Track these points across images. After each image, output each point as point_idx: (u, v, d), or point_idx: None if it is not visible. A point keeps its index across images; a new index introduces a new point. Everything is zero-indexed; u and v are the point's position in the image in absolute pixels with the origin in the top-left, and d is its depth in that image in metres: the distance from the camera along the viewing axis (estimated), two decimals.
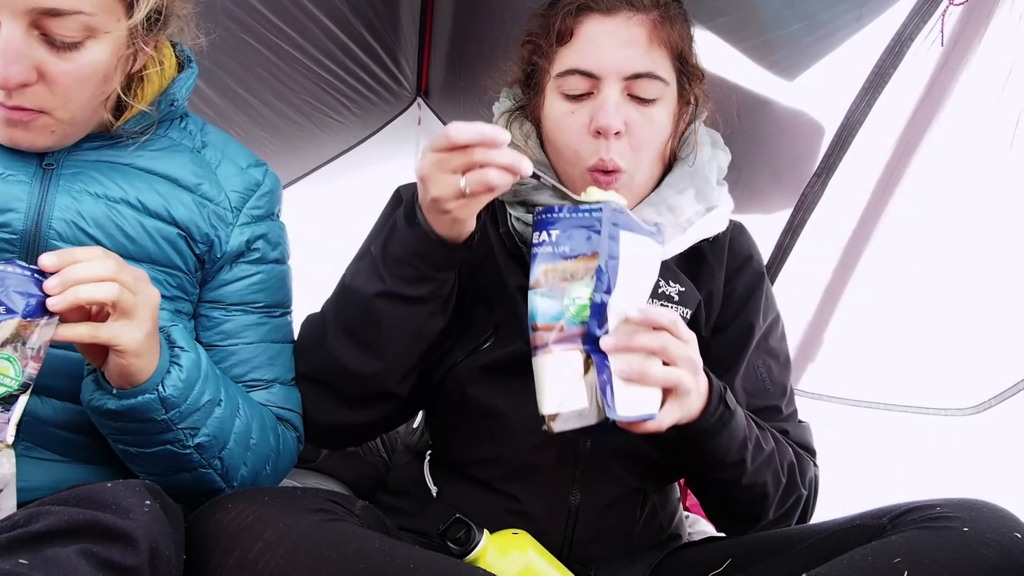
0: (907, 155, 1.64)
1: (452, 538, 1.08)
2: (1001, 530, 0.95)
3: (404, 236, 1.14)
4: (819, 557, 1.03)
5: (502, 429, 1.27)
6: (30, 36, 0.98)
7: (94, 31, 1.01)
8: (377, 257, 1.17)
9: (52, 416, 1.09)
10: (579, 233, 1.03)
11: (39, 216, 1.07)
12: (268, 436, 1.17)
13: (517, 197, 1.31)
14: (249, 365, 1.22)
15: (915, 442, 1.74)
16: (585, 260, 1.02)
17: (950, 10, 1.43)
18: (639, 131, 1.23)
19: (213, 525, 0.97)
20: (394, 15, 2.40)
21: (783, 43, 1.65)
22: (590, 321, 1.01)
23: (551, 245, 1.03)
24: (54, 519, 0.79)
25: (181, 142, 1.21)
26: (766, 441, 1.23)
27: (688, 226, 1.31)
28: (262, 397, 1.22)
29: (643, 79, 1.21)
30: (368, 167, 2.95)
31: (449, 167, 1.05)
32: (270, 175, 1.29)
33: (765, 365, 1.40)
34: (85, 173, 1.11)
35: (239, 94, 2.31)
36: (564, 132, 1.26)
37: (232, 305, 1.22)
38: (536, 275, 1.03)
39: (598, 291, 1.01)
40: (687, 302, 1.34)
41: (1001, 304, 1.56)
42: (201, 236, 1.18)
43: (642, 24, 1.22)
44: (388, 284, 1.15)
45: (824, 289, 1.88)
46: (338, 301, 1.23)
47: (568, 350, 1.01)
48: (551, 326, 1.01)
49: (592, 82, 1.22)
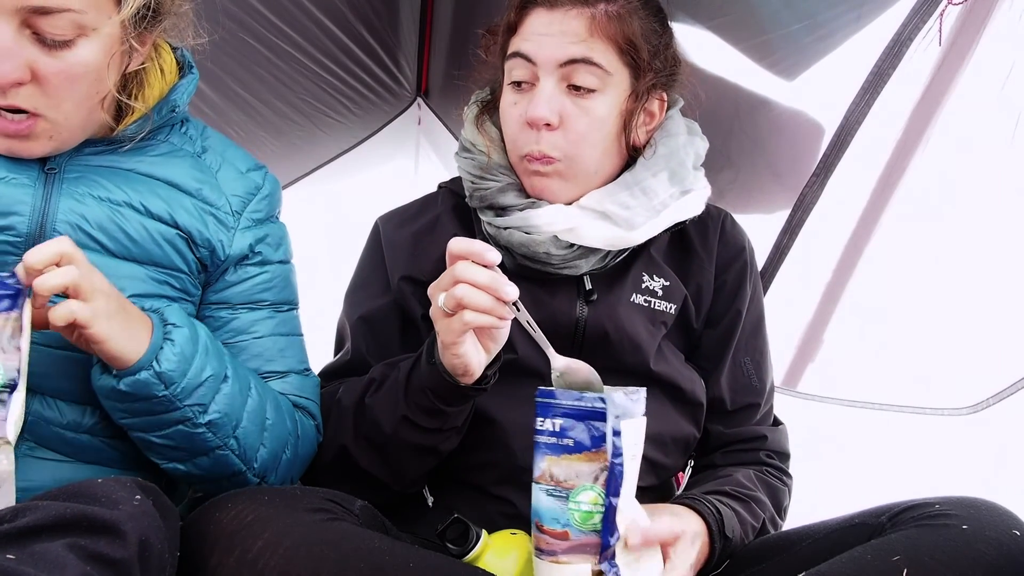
0: (906, 155, 1.64)
1: (451, 538, 1.08)
2: (1000, 528, 0.95)
3: (422, 369, 1.15)
4: (818, 556, 1.03)
5: (495, 435, 1.27)
6: (21, 35, 0.98)
7: (85, 29, 1.01)
8: (400, 383, 1.18)
9: (57, 417, 1.09)
10: (581, 425, 0.99)
11: (43, 219, 1.08)
12: (284, 418, 1.18)
13: (484, 203, 1.33)
14: (262, 359, 1.23)
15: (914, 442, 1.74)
16: (589, 457, 0.99)
17: (948, 10, 1.44)
18: (575, 122, 1.25)
19: (213, 524, 0.96)
20: (394, 15, 2.40)
21: (783, 43, 1.65)
22: (603, 531, 0.98)
23: (554, 436, 1.00)
24: (41, 514, 0.79)
25: (182, 147, 1.22)
26: (756, 519, 1.25)
27: (663, 208, 1.31)
28: (277, 386, 1.23)
29: (579, 65, 1.23)
30: (368, 167, 2.95)
31: (440, 284, 1.05)
32: (269, 178, 1.30)
33: (753, 362, 1.40)
34: (87, 177, 1.12)
35: (239, 94, 2.31)
36: (508, 122, 1.31)
37: (239, 305, 1.24)
38: (541, 467, 1.00)
39: (608, 495, 0.98)
40: (671, 297, 1.35)
41: (1000, 304, 1.56)
42: (202, 241, 1.19)
43: (581, 16, 1.24)
44: (406, 411, 1.16)
45: (823, 289, 1.88)
46: (356, 414, 1.23)
47: (579, 563, 0.99)
48: (557, 532, 0.99)
49: (532, 71, 1.26)
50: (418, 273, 1.35)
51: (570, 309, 1.30)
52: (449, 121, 2.77)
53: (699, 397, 1.37)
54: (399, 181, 3.16)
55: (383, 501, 1.24)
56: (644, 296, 1.33)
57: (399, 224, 1.41)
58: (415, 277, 1.35)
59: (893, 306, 1.77)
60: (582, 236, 1.28)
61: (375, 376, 1.24)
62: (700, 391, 1.37)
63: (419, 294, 1.35)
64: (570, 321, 1.30)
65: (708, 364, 1.40)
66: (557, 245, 1.28)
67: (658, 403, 1.33)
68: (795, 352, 1.96)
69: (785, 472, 1.40)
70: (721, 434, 1.40)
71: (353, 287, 1.43)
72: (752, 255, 1.44)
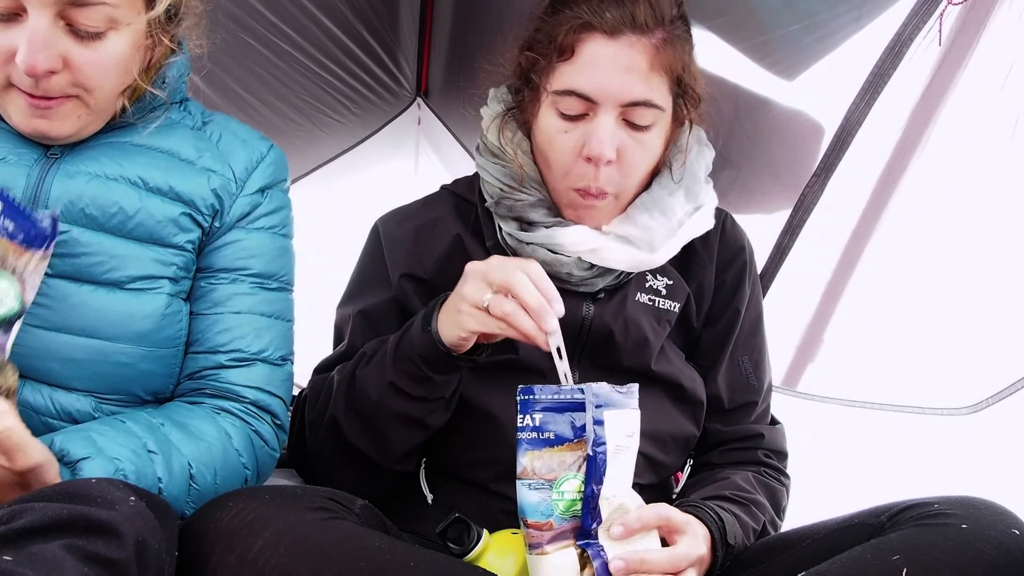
0: (906, 155, 1.64)
1: (452, 538, 1.08)
2: (999, 527, 0.95)
3: (414, 337, 1.15)
4: (818, 556, 1.03)
5: (495, 431, 1.27)
6: (56, 26, 1.03)
7: (116, 22, 1.06)
8: (389, 350, 1.19)
9: (44, 406, 1.09)
10: (562, 418, 1.01)
11: (35, 198, 1.10)
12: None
13: (512, 212, 1.31)
14: (232, 334, 1.18)
15: (914, 442, 1.74)
16: (571, 447, 1.00)
17: (948, 10, 1.44)
18: (631, 155, 1.23)
19: (212, 524, 0.96)
20: (394, 15, 2.41)
21: (783, 43, 1.66)
22: (583, 516, 1.00)
23: (535, 430, 1.01)
24: (38, 515, 0.79)
25: (180, 121, 1.23)
26: (756, 522, 1.25)
27: (679, 227, 1.31)
28: (241, 377, 1.18)
29: (640, 107, 1.20)
30: (368, 167, 2.95)
31: (489, 279, 1.07)
32: (275, 149, 1.29)
33: (751, 361, 1.41)
34: (83, 154, 1.14)
35: (239, 94, 2.31)
36: (556, 150, 1.25)
37: (220, 271, 1.20)
38: (523, 463, 1.01)
39: (588, 482, 0.99)
40: (675, 296, 1.35)
41: (1000, 304, 1.56)
42: (206, 207, 1.18)
43: (644, 50, 1.19)
44: (393, 377, 1.17)
45: (823, 289, 1.89)
46: (348, 387, 1.24)
47: (563, 548, 1.00)
48: (541, 524, 1.00)
49: (588, 104, 1.21)
50: (419, 271, 1.35)
51: (576, 308, 1.30)
52: (449, 121, 2.78)
53: (700, 396, 1.37)
54: (399, 181, 3.16)
55: (374, 489, 1.24)
56: (649, 295, 1.34)
57: (399, 221, 1.41)
58: (415, 275, 1.35)
59: (893, 306, 1.77)
60: (605, 259, 1.28)
61: (366, 350, 1.25)
62: (701, 390, 1.38)
63: (419, 291, 1.35)
64: (576, 320, 1.30)
65: (706, 362, 1.41)
66: (579, 266, 1.28)
67: (659, 401, 1.34)
68: (795, 352, 1.96)
69: (783, 472, 1.40)
70: (718, 432, 1.40)
71: (353, 284, 1.43)
72: (751, 255, 1.44)
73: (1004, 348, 1.56)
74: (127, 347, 1.11)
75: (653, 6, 1.21)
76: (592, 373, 1.30)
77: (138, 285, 1.12)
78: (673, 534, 1.08)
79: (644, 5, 1.20)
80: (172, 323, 1.15)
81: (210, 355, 1.18)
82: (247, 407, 1.18)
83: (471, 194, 1.40)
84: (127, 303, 1.11)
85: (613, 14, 1.19)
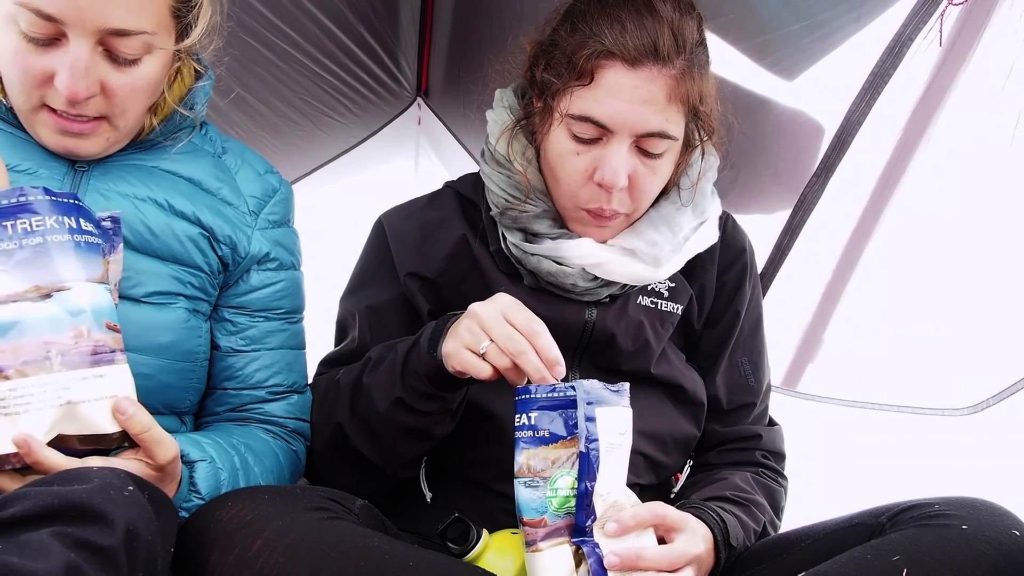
0: (906, 155, 1.64)
1: (451, 537, 1.08)
2: (999, 528, 0.95)
3: (421, 356, 1.15)
4: (818, 557, 1.03)
5: (495, 430, 1.27)
6: (95, 53, 1.06)
7: (151, 48, 1.10)
8: (398, 364, 1.18)
9: None
10: (556, 416, 1.02)
11: None
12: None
13: (517, 224, 1.30)
14: (271, 371, 1.28)
15: (914, 442, 1.74)
16: (565, 445, 1.01)
17: (949, 10, 1.44)
18: (642, 181, 1.23)
19: (212, 523, 0.96)
20: (394, 15, 2.40)
21: (783, 43, 1.65)
22: (577, 512, 1.00)
23: (531, 429, 1.03)
24: (29, 503, 0.80)
25: (203, 147, 1.27)
26: (757, 523, 1.25)
27: (684, 242, 1.32)
28: (281, 409, 1.29)
29: (654, 138, 1.20)
30: (368, 167, 2.95)
31: (488, 326, 1.07)
32: (284, 183, 1.35)
33: (751, 362, 1.41)
34: (113, 173, 1.18)
35: (239, 94, 2.31)
36: (567, 170, 1.24)
37: (256, 311, 1.28)
38: (519, 462, 1.03)
39: (582, 479, 1.00)
40: (677, 298, 1.35)
41: (1000, 304, 1.56)
42: (224, 238, 1.23)
43: (664, 84, 1.18)
44: (401, 393, 1.17)
45: (823, 289, 1.89)
46: (354, 394, 1.24)
47: (557, 545, 1.01)
48: (536, 520, 1.01)
49: (603, 132, 1.20)
50: (424, 270, 1.35)
51: (579, 312, 1.30)
52: (449, 121, 2.78)
53: (700, 397, 1.37)
54: (399, 181, 3.16)
55: (376, 491, 1.24)
56: (651, 297, 1.34)
57: (405, 217, 1.40)
58: (421, 274, 1.35)
59: (893, 306, 1.77)
60: (610, 272, 1.28)
61: (372, 356, 1.25)
62: (701, 391, 1.38)
63: (425, 290, 1.35)
64: (579, 323, 1.30)
65: (706, 363, 1.41)
66: (584, 278, 1.28)
67: (659, 403, 1.34)
68: (795, 352, 1.96)
69: (780, 473, 1.40)
70: (716, 433, 1.40)
71: (357, 278, 1.42)
72: (752, 256, 1.44)
73: (1004, 348, 1.55)
74: (149, 359, 1.15)
75: (676, 33, 1.18)
76: (593, 375, 1.30)
77: (156, 300, 1.16)
78: (670, 532, 1.08)
79: (667, 33, 1.17)
80: (191, 337, 1.20)
81: (253, 391, 1.28)
82: (288, 432, 1.29)
83: (475, 195, 1.39)
84: (149, 315, 1.16)
85: (635, 43, 1.16)
